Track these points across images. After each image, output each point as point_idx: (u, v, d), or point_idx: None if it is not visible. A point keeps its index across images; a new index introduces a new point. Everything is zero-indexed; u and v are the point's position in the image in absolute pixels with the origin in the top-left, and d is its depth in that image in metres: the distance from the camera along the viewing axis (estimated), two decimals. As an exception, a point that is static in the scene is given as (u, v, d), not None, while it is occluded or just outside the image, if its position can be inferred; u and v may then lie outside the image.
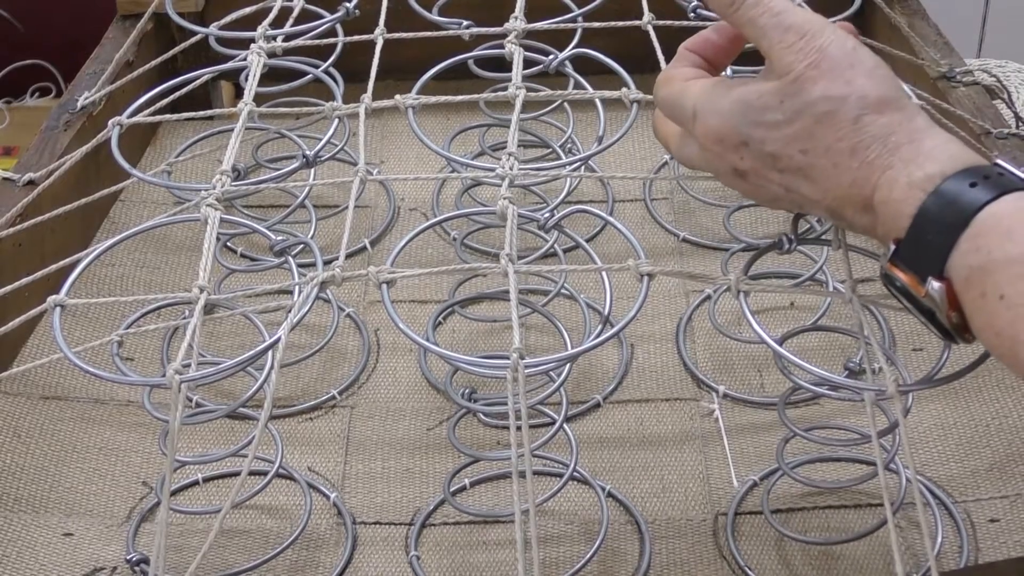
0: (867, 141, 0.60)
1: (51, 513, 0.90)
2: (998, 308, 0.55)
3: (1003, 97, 1.16)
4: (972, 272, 0.56)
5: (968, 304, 0.57)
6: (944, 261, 0.57)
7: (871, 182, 0.60)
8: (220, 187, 0.80)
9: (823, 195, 0.62)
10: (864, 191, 0.60)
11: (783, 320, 1.05)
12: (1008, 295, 0.54)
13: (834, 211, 0.63)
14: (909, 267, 0.59)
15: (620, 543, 0.88)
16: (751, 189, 0.66)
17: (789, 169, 0.63)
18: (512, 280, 0.70)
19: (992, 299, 0.55)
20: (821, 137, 0.61)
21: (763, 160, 0.63)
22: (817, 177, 0.62)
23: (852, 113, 0.60)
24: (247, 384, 0.83)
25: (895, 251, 0.60)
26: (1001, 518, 0.87)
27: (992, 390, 0.97)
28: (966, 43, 2.35)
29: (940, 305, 0.58)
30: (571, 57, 0.98)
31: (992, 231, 0.56)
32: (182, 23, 1.13)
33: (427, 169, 1.25)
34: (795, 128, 0.62)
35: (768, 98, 0.62)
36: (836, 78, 0.61)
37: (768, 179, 0.64)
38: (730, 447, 0.94)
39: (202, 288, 0.72)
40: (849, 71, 0.61)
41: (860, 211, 0.61)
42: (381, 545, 0.88)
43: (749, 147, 0.64)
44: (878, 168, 0.60)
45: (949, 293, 0.57)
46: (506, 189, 0.77)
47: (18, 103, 1.87)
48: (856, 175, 0.60)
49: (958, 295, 0.57)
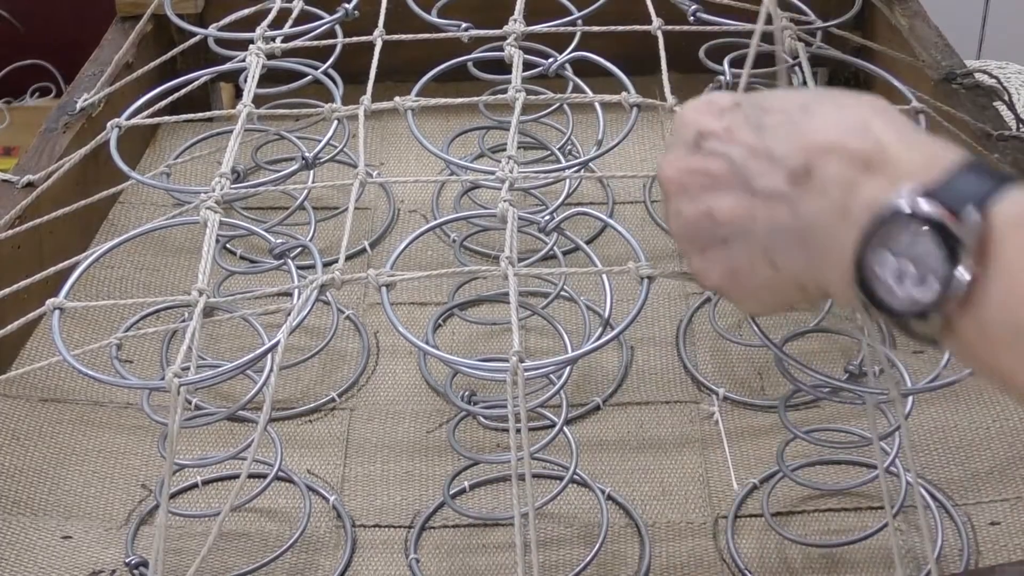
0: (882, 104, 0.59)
1: (50, 516, 0.90)
2: None
3: (1004, 99, 1.16)
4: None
5: (1014, 248, 0.51)
6: (989, 197, 0.52)
7: (876, 138, 0.57)
8: (220, 190, 0.80)
9: (806, 141, 0.58)
10: (860, 142, 0.57)
11: (784, 322, 1.05)
12: None
13: (810, 164, 0.58)
14: (939, 200, 0.53)
15: (620, 546, 0.88)
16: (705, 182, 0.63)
17: (785, 109, 0.60)
18: (512, 283, 0.70)
19: None
20: (826, 96, 0.60)
21: (752, 111, 0.61)
22: (816, 116, 0.59)
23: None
24: (246, 387, 0.83)
25: (918, 189, 0.54)
26: (1002, 521, 0.87)
27: (993, 393, 0.97)
28: (966, 44, 2.34)
29: (970, 241, 0.52)
30: (571, 60, 0.98)
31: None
32: (181, 24, 1.13)
33: (427, 171, 1.25)
34: (798, 94, 0.61)
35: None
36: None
37: (738, 140, 0.61)
38: (730, 450, 0.94)
39: (201, 291, 0.72)
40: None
41: (846, 164, 0.57)
42: (380, 548, 0.88)
43: (740, 106, 0.62)
44: (886, 131, 0.57)
45: (982, 235, 0.52)
46: (506, 192, 0.77)
47: (18, 103, 1.87)
48: (862, 122, 0.58)
49: (997, 238, 0.51)
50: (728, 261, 0.62)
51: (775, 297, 0.63)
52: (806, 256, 0.59)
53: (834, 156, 0.57)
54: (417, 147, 1.02)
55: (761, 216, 0.60)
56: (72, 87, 1.23)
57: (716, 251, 0.63)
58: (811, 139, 0.58)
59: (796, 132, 0.59)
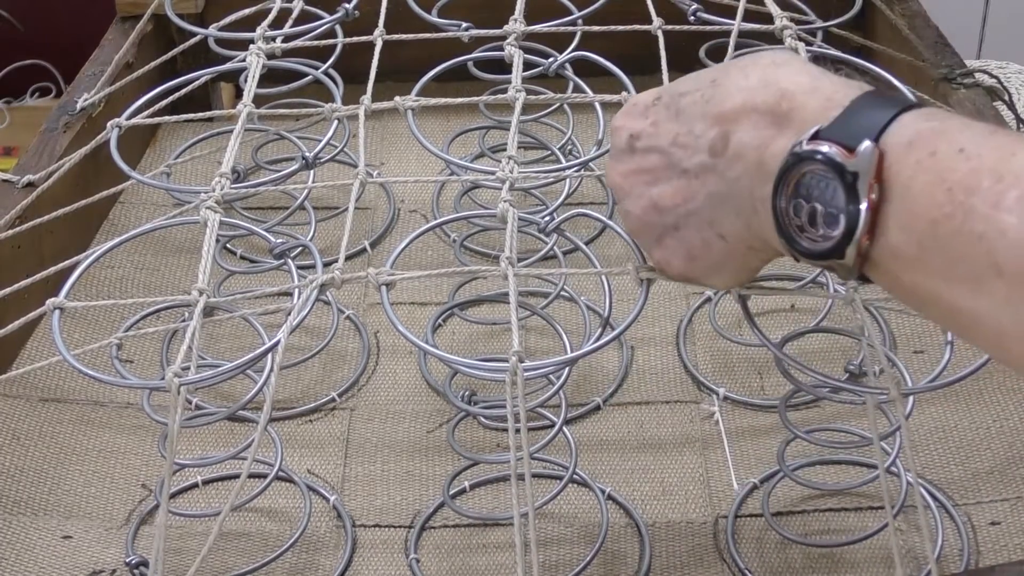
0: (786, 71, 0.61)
1: (50, 516, 0.90)
2: (954, 162, 0.51)
3: (1004, 99, 1.16)
4: (920, 135, 0.53)
5: (907, 168, 0.53)
6: (882, 131, 0.54)
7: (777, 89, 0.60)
8: (220, 190, 0.79)
9: (717, 112, 0.62)
10: (763, 98, 0.60)
11: (784, 322, 1.05)
12: (968, 149, 0.51)
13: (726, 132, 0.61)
14: (834, 140, 0.56)
15: (620, 546, 0.88)
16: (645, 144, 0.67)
17: (698, 87, 0.64)
18: (512, 283, 0.70)
19: (947, 155, 0.52)
20: (735, 64, 0.63)
21: (670, 99, 0.66)
22: (722, 85, 0.62)
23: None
24: (247, 386, 0.83)
25: (815, 132, 0.56)
26: (1002, 521, 0.87)
27: (993, 393, 0.97)
28: (966, 44, 2.35)
29: (868, 169, 0.54)
30: (571, 59, 0.98)
31: (941, 111, 0.55)
32: (181, 24, 1.13)
33: (427, 171, 1.25)
34: (712, 70, 0.66)
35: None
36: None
37: (663, 132, 0.65)
38: (730, 450, 0.94)
39: (201, 291, 0.72)
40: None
41: (755, 124, 0.60)
42: (381, 548, 0.88)
43: (661, 98, 0.66)
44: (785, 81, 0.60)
45: (879, 164, 0.54)
46: (507, 192, 0.77)
47: (18, 103, 1.87)
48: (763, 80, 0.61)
49: (893, 164, 0.53)
50: (683, 245, 0.66)
51: (735, 265, 0.66)
52: (743, 219, 0.62)
53: (744, 119, 0.60)
54: (417, 147, 1.02)
55: (698, 192, 0.64)
56: (72, 87, 1.23)
57: (670, 239, 0.66)
58: (722, 108, 0.62)
59: (709, 106, 0.63)
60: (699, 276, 0.68)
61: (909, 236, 0.53)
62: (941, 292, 0.53)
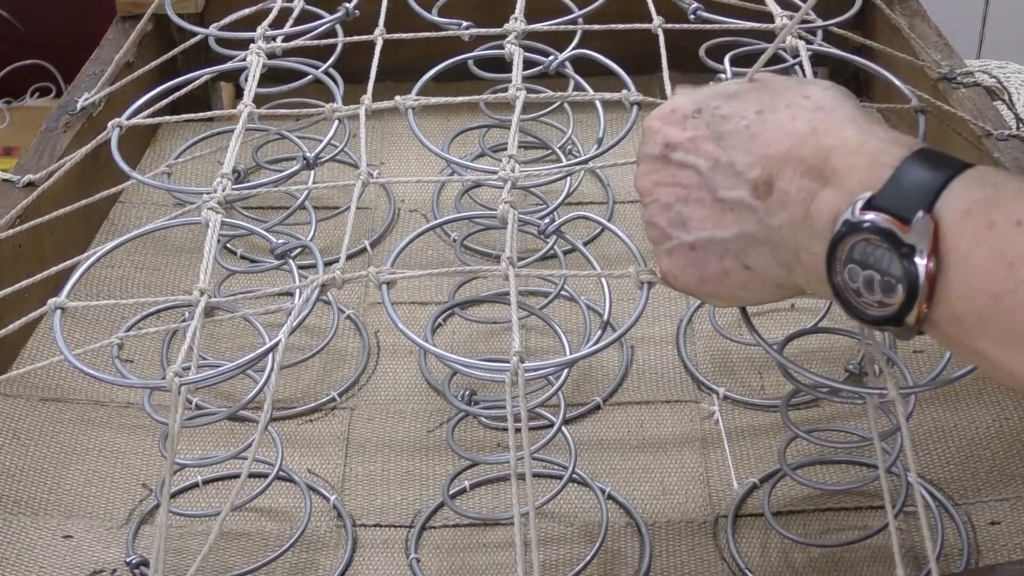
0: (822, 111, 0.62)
1: (50, 515, 0.90)
2: (1013, 235, 0.51)
3: (1004, 99, 1.16)
4: (975, 204, 0.53)
5: (964, 241, 0.53)
6: (935, 199, 0.54)
7: (823, 144, 0.60)
8: (222, 191, 0.80)
9: (762, 152, 0.61)
10: (810, 149, 0.60)
11: (784, 322, 1.05)
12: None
13: (769, 177, 0.61)
14: (887, 210, 0.56)
15: (620, 545, 0.88)
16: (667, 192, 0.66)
17: (743, 115, 0.63)
18: (512, 283, 0.70)
19: (1005, 227, 0.52)
20: (781, 96, 0.63)
21: (712, 119, 0.64)
22: (768, 124, 0.62)
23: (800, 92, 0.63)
24: (247, 386, 0.83)
25: (868, 200, 0.56)
26: (1002, 520, 0.87)
27: (993, 393, 0.97)
28: (966, 44, 2.35)
29: (924, 242, 0.54)
30: (571, 58, 0.98)
31: (993, 173, 0.55)
32: (182, 24, 1.13)
33: (427, 170, 1.25)
34: (755, 93, 0.64)
35: (732, 84, 0.66)
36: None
37: (702, 152, 0.64)
38: (730, 449, 0.94)
39: (202, 291, 0.72)
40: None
41: (801, 175, 0.60)
42: (381, 547, 0.88)
43: (702, 112, 0.65)
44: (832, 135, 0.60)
45: (935, 235, 0.54)
46: (507, 192, 0.77)
47: (18, 103, 1.87)
48: (811, 128, 0.61)
49: (949, 234, 0.53)
50: (697, 267, 0.66)
51: (752, 293, 0.66)
52: (781, 263, 0.62)
53: (788, 167, 0.60)
54: (418, 146, 1.02)
55: (731, 225, 0.64)
56: (72, 87, 1.23)
57: (683, 255, 0.66)
58: (767, 151, 0.62)
59: (753, 143, 0.62)
60: (706, 296, 0.69)
61: (969, 305, 0.53)
62: (1003, 358, 0.53)
